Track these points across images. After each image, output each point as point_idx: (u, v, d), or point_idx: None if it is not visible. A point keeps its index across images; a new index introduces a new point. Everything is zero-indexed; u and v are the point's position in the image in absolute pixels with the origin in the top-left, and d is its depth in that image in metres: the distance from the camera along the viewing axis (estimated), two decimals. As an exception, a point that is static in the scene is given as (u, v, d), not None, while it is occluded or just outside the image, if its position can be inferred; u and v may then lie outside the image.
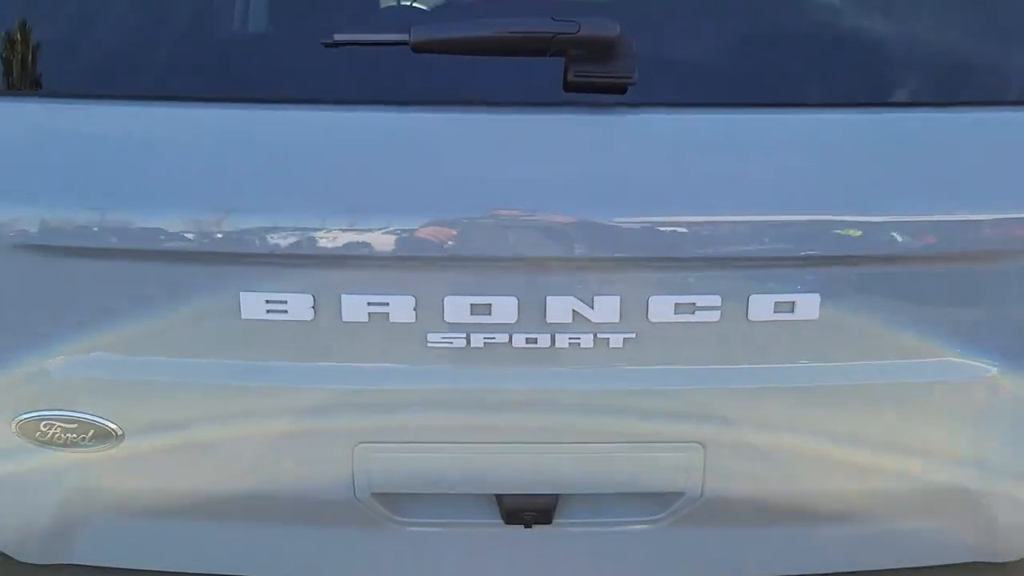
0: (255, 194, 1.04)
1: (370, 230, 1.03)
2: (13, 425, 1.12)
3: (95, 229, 1.02)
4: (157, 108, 1.05)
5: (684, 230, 1.04)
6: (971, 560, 1.25)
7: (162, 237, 1.02)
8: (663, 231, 1.04)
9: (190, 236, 1.03)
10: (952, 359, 1.11)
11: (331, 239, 1.02)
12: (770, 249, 1.05)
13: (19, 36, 1.06)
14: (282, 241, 1.03)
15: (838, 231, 1.05)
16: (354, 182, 1.04)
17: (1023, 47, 1.13)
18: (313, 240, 1.02)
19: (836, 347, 1.10)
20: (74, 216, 1.03)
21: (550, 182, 1.04)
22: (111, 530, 1.20)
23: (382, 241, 1.02)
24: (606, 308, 1.04)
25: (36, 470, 1.16)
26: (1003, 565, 1.28)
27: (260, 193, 1.04)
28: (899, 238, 1.05)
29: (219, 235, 1.03)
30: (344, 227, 1.02)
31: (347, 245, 1.02)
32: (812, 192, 1.06)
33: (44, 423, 1.13)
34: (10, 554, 1.23)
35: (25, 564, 1.25)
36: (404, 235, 1.02)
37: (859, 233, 1.04)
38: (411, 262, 1.04)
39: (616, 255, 1.04)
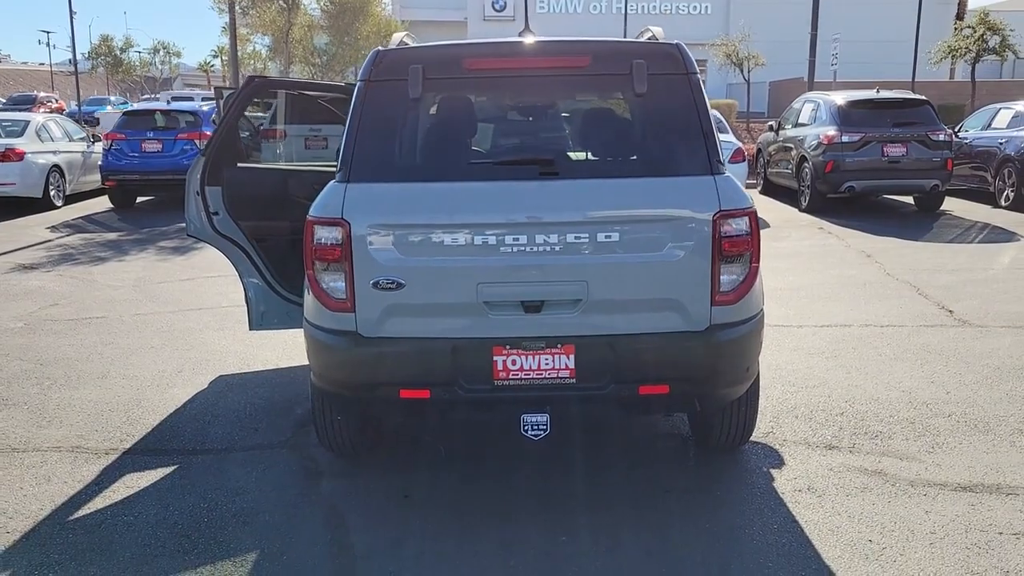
0: (448, 210, 3.46)
1: (486, 217, 3.44)
2: (370, 283, 3.50)
3: (417, 220, 3.43)
4: (430, 184, 3.51)
5: (576, 215, 3.44)
6: (684, 330, 3.54)
7: (430, 223, 3.43)
8: (570, 215, 3.44)
9: (437, 223, 3.44)
10: (667, 251, 3.47)
11: (473, 219, 3.43)
12: (603, 221, 3.45)
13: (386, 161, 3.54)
14: (460, 221, 3.44)
15: (622, 217, 3.46)
16: (479, 204, 3.45)
17: (677, 154, 3.55)
18: (470, 221, 3.42)
19: (627, 249, 3.45)
20: (408, 216, 3.46)
21: (536, 204, 3.45)
22: (397, 320, 3.51)
23: (490, 219, 3.42)
24: (552, 237, 3.39)
25: (375, 299, 3.50)
26: (694, 332, 3.56)
27: (446, 211, 3.46)
28: (639, 217, 3.45)
29: (446, 223, 3.43)
30: (479, 217, 3.43)
31: (478, 222, 3.43)
32: (614, 204, 3.47)
33: (380, 282, 3.49)
34: (360, 332, 3.57)
35: (363, 336, 3.58)
36: (496, 219, 3.43)
37: (626, 217, 3.45)
38: (497, 227, 3.43)
39: (558, 222, 3.42)
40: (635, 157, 3.63)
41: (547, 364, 3.49)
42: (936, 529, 3.46)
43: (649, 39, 3.91)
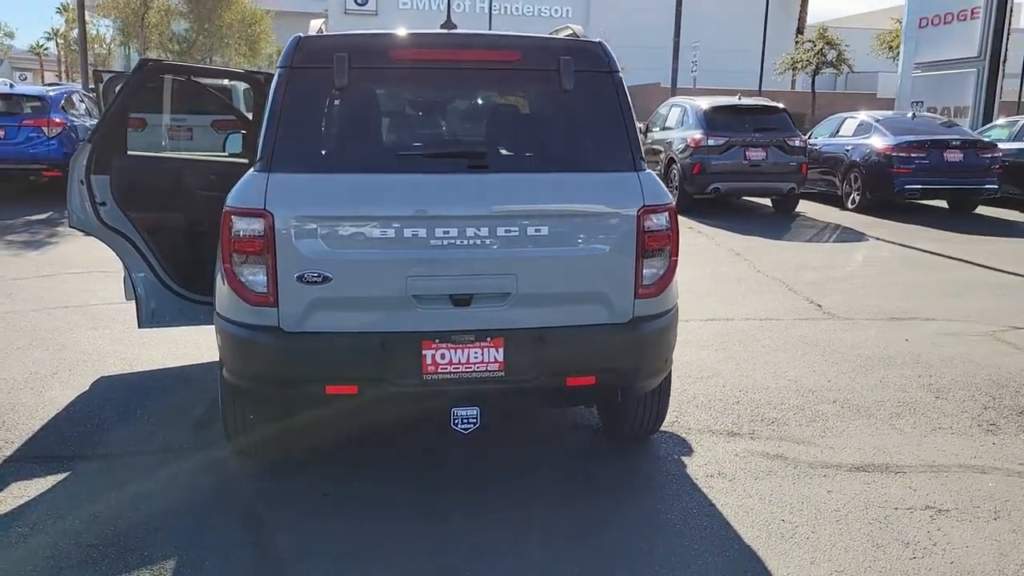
0: (377, 202, 3.40)
1: (415, 209, 3.39)
2: (294, 276, 3.36)
3: (344, 211, 3.34)
4: (357, 175, 3.42)
5: (506, 209, 3.45)
6: (609, 322, 3.62)
7: (357, 215, 3.35)
8: (500, 209, 3.45)
9: (365, 215, 3.36)
10: (594, 245, 3.53)
11: (405, 212, 3.38)
12: (533, 215, 3.48)
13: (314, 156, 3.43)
14: (392, 214, 3.38)
15: (551, 211, 3.50)
16: (408, 196, 3.41)
17: (603, 150, 3.62)
18: (399, 214, 3.37)
19: (555, 243, 3.49)
20: (334, 208, 3.36)
21: (466, 197, 3.44)
22: (322, 314, 3.40)
23: (420, 211, 3.38)
24: (483, 230, 3.39)
25: (299, 293, 3.37)
26: (619, 324, 3.66)
27: (376, 202, 3.40)
28: (567, 212, 3.50)
29: (374, 215, 3.37)
30: (408, 209, 3.39)
31: (410, 216, 3.37)
32: (543, 198, 3.51)
33: (305, 275, 3.38)
34: (282, 327, 3.45)
35: (286, 332, 3.45)
36: (426, 211, 3.39)
37: (555, 211, 3.50)
38: (426, 220, 3.39)
39: (485, 215, 3.42)
40: (562, 152, 3.67)
41: (476, 357, 3.48)
42: (839, 507, 3.69)
43: (569, 36, 3.96)
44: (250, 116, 15.02)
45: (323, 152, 3.54)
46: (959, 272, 9.28)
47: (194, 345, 5.88)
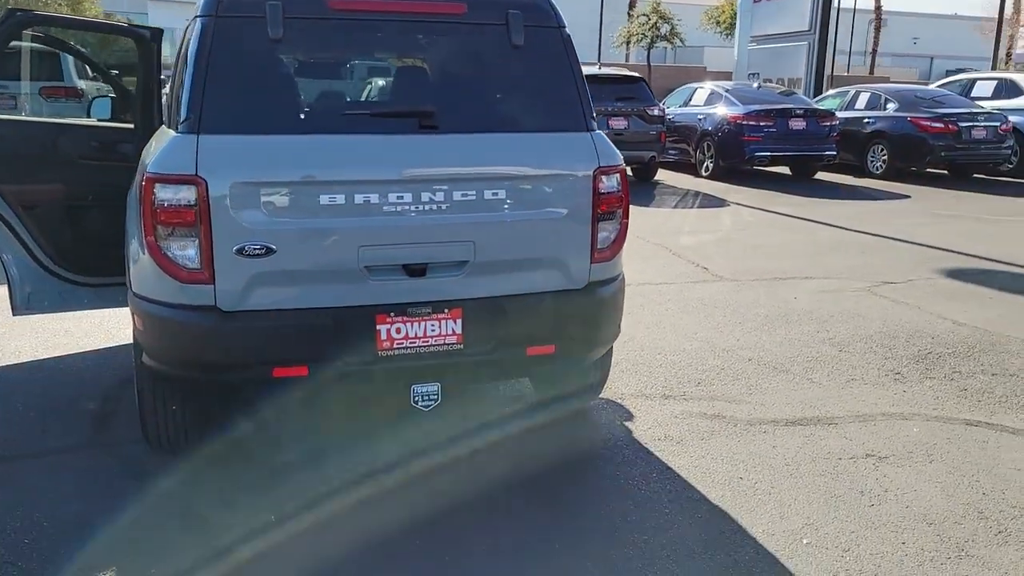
0: (323, 166, 3.11)
1: (366, 173, 3.13)
2: (232, 250, 3.05)
3: (288, 176, 3.04)
4: (300, 136, 3.11)
5: (457, 168, 3.25)
6: (564, 288, 3.51)
7: (304, 180, 3.06)
8: (450, 170, 3.24)
9: (313, 180, 3.07)
10: (551, 208, 3.40)
11: (353, 176, 3.11)
12: (490, 177, 3.30)
13: (248, 115, 3.08)
14: (338, 178, 3.10)
15: (509, 173, 3.33)
16: (357, 159, 3.14)
17: (556, 109, 3.48)
18: (349, 178, 3.10)
19: (512, 206, 3.34)
20: (277, 173, 3.04)
21: (420, 159, 3.21)
22: (266, 290, 3.10)
23: (372, 175, 3.13)
24: (439, 195, 3.19)
25: (238, 266, 3.06)
26: (575, 290, 3.56)
27: (322, 166, 3.11)
28: (525, 174, 3.35)
29: (322, 180, 3.08)
30: (358, 172, 3.12)
31: (361, 180, 3.12)
32: (500, 160, 3.33)
33: (245, 248, 3.05)
34: (219, 306, 3.10)
35: (224, 311, 3.12)
36: (377, 175, 3.14)
37: (512, 174, 3.33)
38: (379, 184, 3.14)
39: (445, 178, 3.22)
40: (514, 111, 3.50)
41: (433, 330, 3.28)
42: (789, 461, 3.76)
43: (508, -12, 3.77)
44: (80, 83, 13.66)
45: (259, 111, 3.19)
46: (818, 233, 9.80)
47: (65, 333, 5.31)
